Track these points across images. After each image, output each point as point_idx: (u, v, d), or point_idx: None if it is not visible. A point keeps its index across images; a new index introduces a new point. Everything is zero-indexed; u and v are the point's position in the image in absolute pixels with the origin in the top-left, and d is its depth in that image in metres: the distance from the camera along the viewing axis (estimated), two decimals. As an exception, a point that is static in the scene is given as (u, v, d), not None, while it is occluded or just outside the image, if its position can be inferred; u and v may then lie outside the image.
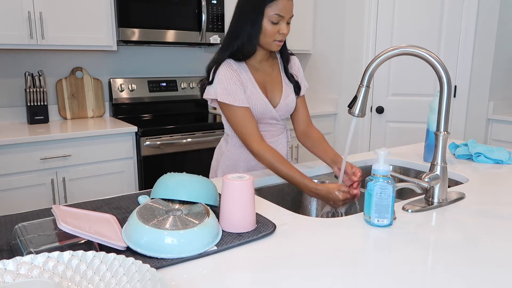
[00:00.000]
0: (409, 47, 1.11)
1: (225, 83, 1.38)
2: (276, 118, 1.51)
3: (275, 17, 1.34)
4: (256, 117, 1.45)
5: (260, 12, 1.34)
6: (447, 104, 1.12)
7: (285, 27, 1.37)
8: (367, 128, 3.30)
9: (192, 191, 0.99)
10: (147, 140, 2.52)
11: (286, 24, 1.37)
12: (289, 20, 1.38)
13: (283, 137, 1.59)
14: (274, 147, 1.55)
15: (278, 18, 1.34)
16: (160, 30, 2.73)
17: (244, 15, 1.38)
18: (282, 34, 1.37)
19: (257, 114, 1.45)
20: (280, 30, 1.36)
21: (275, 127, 1.54)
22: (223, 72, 1.38)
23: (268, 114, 1.47)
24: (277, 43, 1.39)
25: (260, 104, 1.44)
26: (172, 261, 0.81)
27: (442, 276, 0.77)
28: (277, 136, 1.56)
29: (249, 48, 1.39)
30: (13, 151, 2.19)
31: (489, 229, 0.99)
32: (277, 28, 1.36)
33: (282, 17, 1.35)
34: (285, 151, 1.61)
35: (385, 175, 0.98)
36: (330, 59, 3.44)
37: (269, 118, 1.49)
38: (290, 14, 1.37)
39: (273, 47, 1.41)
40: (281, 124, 1.57)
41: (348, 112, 1.19)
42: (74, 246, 0.80)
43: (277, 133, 1.56)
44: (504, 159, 1.59)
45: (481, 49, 2.97)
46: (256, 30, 1.36)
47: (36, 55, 2.71)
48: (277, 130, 1.56)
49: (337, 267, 0.80)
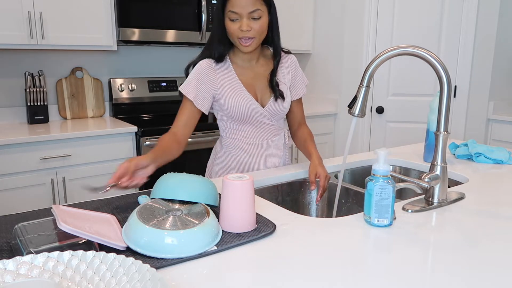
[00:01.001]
0: (409, 47, 1.11)
1: (191, 76, 1.41)
2: (267, 117, 1.48)
3: (231, 15, 1.33)
4: (244, 116, 1.45)
5: (222, 11, 1.35)
6: (447, 104, 1.12)
7: (244, 24, 1.31)
8: (367, 128, 3.30)
9: (192, 191, 0.99)
10: (147, 140, 2.52)
11: (251, 20, 1.32)
12: (252, 15, 1.32)
13: (279, 139, 1.56)
14: (269, 149, 1.54)
15: (234, 15, 1.32)
16: (160, 30, 2.73)
17: (214, 16, 1.40)
18: (244, 31, 1.33)
19: (243, 112, 1.44)
20: (240, 27, 1.33)
21: (269, 128, 1.52)
22: (198, 67, 1.41)
23: (256, 113, 1.45)
24: (243, 42, 1.35)
25: (245, 102, 1.43)
26: (172, 261, 0.81)
27: (442, 276, 0.77)
28: (272, 137, 1.54)
29: (221, 48, 1.40)
30: (13, 151, 2.19)
31: (489, 229, 0.99)
32: (237, 25, 1.33)
33: (237, 14, 1.32)
34: (282, 153, 1.57)
35: (385, 175, 0.98)
36: (330, 59, 3.44)
37: (259, 117, 1.47)
38: (248, 9, 1.30)
39: (240, 47, 1.38)
40: (276, 125, 1.53)
41: (348, 112, 1.18)
42: (74, 246, 0.80)
43: (271, 135, 1.53)
44: (504, 159, 1.59)
45: (481, 49, 2.97)
46: (221, 29, 1.37)
47: (36, 55, 2.71)
48: (271, 131, 1.53)
49: (337, 267, 0.80)
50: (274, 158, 1.55)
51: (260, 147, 1.52)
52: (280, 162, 1.58)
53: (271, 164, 1.56)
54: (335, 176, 1.56)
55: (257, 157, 1.53)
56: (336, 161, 1.66)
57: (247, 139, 1.51)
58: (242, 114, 1.44)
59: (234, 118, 1.46)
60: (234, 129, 1.50)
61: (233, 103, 1.42)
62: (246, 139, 1.51)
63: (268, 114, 1.48)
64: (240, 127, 1.49)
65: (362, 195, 1.35)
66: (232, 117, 1.46)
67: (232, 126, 1.50)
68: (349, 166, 1.64)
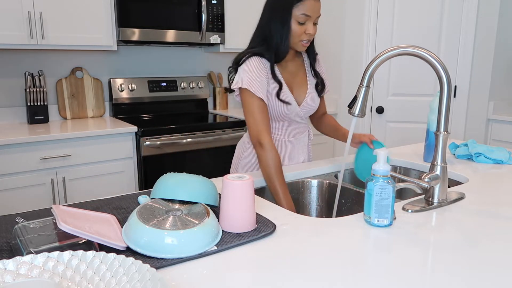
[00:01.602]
0: (409, 47, 1.11)
1: (254, 72, 1.38)
2: (300, 116, 1.52)
3: (302, 17, 1.34)
4: (283, 115, 1.47)
5: (288, 13, 1.35)
6: (447, 104, 1.12)
7: (311, 27, 1.37)
8: (367, 128, 3.30)
9: (192, 191, 0.99)
10: (147, 140, 2.52)
11: (313, 25, 1.38)
12: (316, 20, 1.38)
13: (305, 136, 1.61)
14: (296, 146, 1.58)
15: (305, 18, 1.35)
16: (160, 30, 2.73)
17: (274, 15, 1.38)
18: (309, 34, 1.38)
19: (284, 112, 1.46)
20: (306, 30, 1.37)
21: (299, 125, 1.56)
22: (253, 63, 1.39)
23: (294, 112, 1.49)
24: (303, 44, 1.40)
25: (289, 102, 1.46)
26: (172, 261, 0.81)
27: (442, 276, 0.77)
28: (299, 134, 1.58)
29: (283, 49, 1.40)
30: (13, 151, 2.19)
31: (489, 229, 0.99)
32: (304, 29, 1.37)
33: (309, 17, 1.35)
34: (306, 150, 1.63)
35: (385, 175, 0.98)
36: (330, 59, 3.44)
37: (295, 116, 1.51)
38: (317, 14, 1.37)
39: (299, 47, 1.42)
40: (304, 123, 1.59)
41: (348, 112, 1.19)
42: (74, 246, 0.80)
43: (300, 132, 1.58)
44: (504, 159, 1.59)
45: (481, 49, 2.97)
46: (286, 30, 1.37)
47: (36, 55, 2.71)
48: (300, 129, 1.58)
49: (337, 267, 0.80)
50: (299, 155, 1.60)
51: (288, 144, 1.56)
52: (305, 158, 1.63)
53: (297, 160, 1.60)
54: (335, 176, 1.56)
55: (284, 153, 1.56)
56: (336, 161, 1.66)
57: (277, 136, 1.54)
58: (283, 112, 1.47)
59: (272, 116, 1.48)
60: None
61: (279, 103, 1.44)
62: (276, 136, 1.53)
63: (302, 113, 1.52)
64: (273, 125, 1.52)
65: (362, 195, 1.35)
66: (270, 114, 1.47)
67: None
68: (349, 166, 1.65)
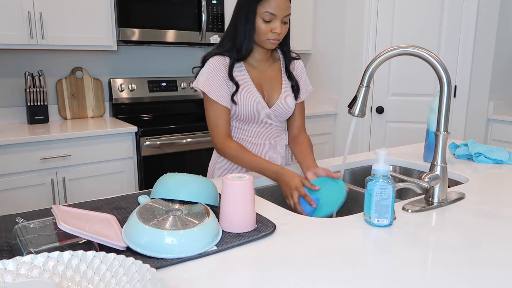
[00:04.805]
0: (409, 47, 1.11)
1: (211, 74, 1.39)
2: (271, 117, 1.49)
3: (267, 15, 1.33)
4: (250, 116, 1.45)
5: (252, 10, 1.34)
6: (447, 104, 1.12)
7: (278, 26, 1.34)
8: (367, 128, 3.30)
9: (192, 191, 0.99)
10: (147, 140, 2.52)
11: (282, 23, 1.36)
12: (284, 19, 1.35)
13: (282, 140, 1.57)
14: (271, 149, 1.54)
15: (270, 16, 1.33)
16: (160, 30, 2.73)
17: (239, 13, 1.38)
18: (276, 33, 1.36)
19: (251, 112, 1.44)
20: (273, 29, 1.35)
21: (272, 128, 1.53)
22: (212, 63, 1.40)
23: (262, 112, 1.46)
24: (272, 42, 1.38)
25: (253, 102, 1.44)
26: (172, 261, 0.81)
27: (442, 276, 0.77)
28: (274, 138, 1.55)
29: (246, 46, 1.39)
30: (13, 151, 2.19)
31: (489, 229, 0.99)
32: (270, 27, 1.35)
33: (274, 16, 1.33)
34: (284, 153, 1.59)
35: (385, 175, 0.98)
36: (330, 59, 3.44)
37: (264, 116, 1.48)
38: (284, 13, 1.34)
39: (267, 46, 1.40)
40: (279, 126, 1.55)
41: (348, 112, 1.19)
42: (74, 246, 0.80)
43: (274, 135, 1.54)
44: (504, 159, 1.59)
45: (481, 49, 2.97)
46: (250, 28, 1.36)
47: (36, 55, 2.71)
48: (274, 131, 1.54)
49: (337, 267, 0.80)
50: (276, 159, 1.56)
51: (262, 147, 1.53)
52: (282, 162, 1.58)
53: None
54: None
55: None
56: (336, 161, 1.66)
57: (250, 139, 1.51)
58: (249, 113, 1.45)
59: (239, 117, 1.46)
60: (237, 128, 1.50)
61: (244, 102, 1.43)
62: (249, 139, 1.51)
63: (273, 115, 1.49)
64: (244, 127, 1.50)
65: (362, 195, 1.35)
66: (237, 115, 1.46)
67: (235, 125, 1.50)
68: (349, 166, 1.65)
